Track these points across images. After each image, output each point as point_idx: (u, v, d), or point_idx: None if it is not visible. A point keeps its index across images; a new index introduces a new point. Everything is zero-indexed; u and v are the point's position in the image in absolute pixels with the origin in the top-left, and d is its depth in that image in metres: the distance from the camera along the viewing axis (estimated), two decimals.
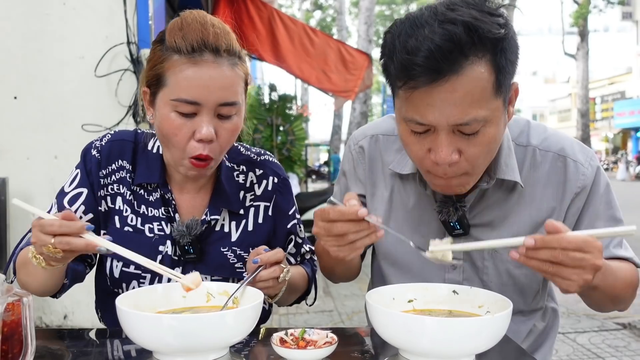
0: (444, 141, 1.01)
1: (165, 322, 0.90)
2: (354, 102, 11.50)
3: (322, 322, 4.24)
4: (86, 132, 3.34)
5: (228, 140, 1.20)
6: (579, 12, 23.92)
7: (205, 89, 1.13)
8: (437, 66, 0.95)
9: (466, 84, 0.97)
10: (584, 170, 1.19)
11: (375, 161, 1.33)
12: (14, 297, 0.80)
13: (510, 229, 1.20)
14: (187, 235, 1.26)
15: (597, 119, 34.03)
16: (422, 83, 0.97)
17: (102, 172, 1.30)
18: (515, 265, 1.23)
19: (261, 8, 6.65)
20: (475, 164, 1.06)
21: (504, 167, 1.17)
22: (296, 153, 8.10)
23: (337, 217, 0.99)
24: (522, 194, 1.20)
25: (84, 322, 3.44)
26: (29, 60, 3.41)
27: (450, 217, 1.20)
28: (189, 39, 1.14)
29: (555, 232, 0.91)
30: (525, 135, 1.23)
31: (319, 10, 28.82)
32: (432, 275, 1.27)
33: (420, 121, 1.01)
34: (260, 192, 1.38)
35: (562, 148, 1.21)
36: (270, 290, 1.18)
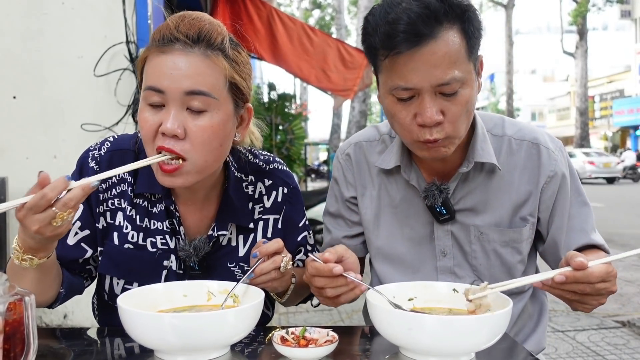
0: (428, 103, 1.12)
1: (167, 320, 0.90)
2: (353, 101, 11.49)
3: (321, 320, 4.25)
4: (85, 131, 3.34)
5: (200, 139, 1.09)
6: (577, 10, 23.93)
7: (170, 77, 1.07)
8: (417, 31, 1.07)
9: (443, 47, 1.09)
10: (555, 156, 1.30)
11: (361, 164, 1.42)
12: (16, 296, 0.81)
13: (493, 213, 1.30)
14: (193, 257, 1.21)
15: (596, 118, 34.05)
16: (405, 48, 1.09)
17: (102, 187, 1.22)
18: (500, 244, 1.31)
19: (260, 7, 6.65)
20: (457, 126, 1.15)
21: (481, 151, 1.26)
22: (295, 152, 8.10)
23: (314, 273, 1.07)
24: (502, 179, 1.30)
25: (84, 322, 3.44)
26: (27, 59, 3.40)
27: (435, 200, 1.28)
28: (162, 29, 1.11)
29: (582, 268, 0.99)
30: (500, 127, 1.34)
31: (317, 9, 28.80)
32: (425, 264, 1.35)
33: (405, 86, 1.12)
34: (269, 205, 1.32)
35: (535, 137, 1.32)
36: (276, 283, 1.14)
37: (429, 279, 1.33)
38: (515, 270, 1.34)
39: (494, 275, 1.32)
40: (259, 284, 1.11)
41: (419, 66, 1.09)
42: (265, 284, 1.12)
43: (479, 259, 1.32)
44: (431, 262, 1.35)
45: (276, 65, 7.15)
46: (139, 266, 1.04)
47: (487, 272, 1.32)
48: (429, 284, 1.13)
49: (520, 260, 1.33)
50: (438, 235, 1.33)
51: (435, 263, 1.34)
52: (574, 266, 0.99)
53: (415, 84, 1.11)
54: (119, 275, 1.23)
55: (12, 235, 3.24)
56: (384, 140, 1.40)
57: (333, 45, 7.29)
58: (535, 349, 1.41)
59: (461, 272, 1.33)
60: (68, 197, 0.95)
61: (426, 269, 1.35)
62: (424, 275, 1.35)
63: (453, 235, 1.32)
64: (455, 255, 1.33)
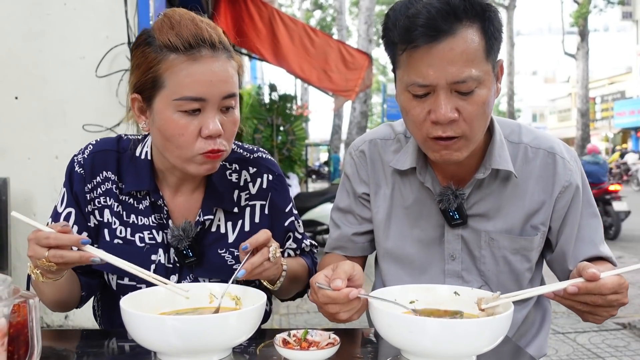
0: (443, 100, 1.11)
1: (169, 323, 0.91)
2: (354, 101, 11.50)
3: (323, 321, 4.25)
4: (87, 132, 3.34)
5: (232, 132, 1.20)
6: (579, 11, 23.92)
7: (209, 84, 1.12)
8: (436, 26, 1.07)
9: (462, 44, 1.08)
10: (570, 167, 1.30)
11: (376, 162, 1.40)
12: (20, 298, 0.81)
13: (505, 220, 1.29)
14: (184, 239, 1.24)
15: (597, 119, 34.03)
16: (422, 42, 1.08)
17: (88, 187, 1.28)
18: (510, 251, 1.30)
19: (261, 8, 6.65)
20: (472, 126, 1.14)
21: (498, 158, 1.25)
22: (296, 153, 8.10)
23: (328, 302, 1.03)
24: (516, 187, 1.29)
25: (85, 322, 3.45)
26: (30, 60, 3.41)
27: (450, 204, 1.26)
28: (184, 35, 1.12)
29: (594, 280, 0.99)
30: (516, 134, 1.33)
31: (319, 9, 28.80)
32: (432, 267, 1.35)
33: (422, 82, 1.11)
34: (255, 191, 1.36)
35: (552, 146, 1.31)
36: (269, 272, 1.15)
37: (436, 281, 1.33)
38: (523, 277, 1.33)
39: (501, 281, 1.32)
40: (254, 276, 1.12)
41: (435, 62, 1.09)
42: (260, 275, 1.13)
43: (487, 265, 1.31)
44: (439, 265, 1.34)
45: (278, 66, 7.16)
46: (128, 260, 1.06)
47: (495, 278, 1.32)
48: (431, 286, 1.13)
49: (529, 268, 1.33)
50: (448, 239, 1.32)
51: (443, 266, 1.34)
52: (587, 277, 0.99)
53: (431, 80, 1.10)
54: (111, 270, 1.27)
55: (13, 235, 3.24)
56: (399, 139, 1.39)
57: (334, 46, 7.30)
58: (536, 354, 1.40)
59: (469, 277, 1.32)
60: (62, 253, 1.01)
61: (433, 272, 1.34)
62: (430, 278, 1.34)
63: (463, 239, 1.31)
64: (464, 260, 1.32)
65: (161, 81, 1.13)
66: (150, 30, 1.17)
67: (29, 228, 1.03)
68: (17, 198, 3.35)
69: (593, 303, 1.02)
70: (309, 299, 1.11)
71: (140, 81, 1.16)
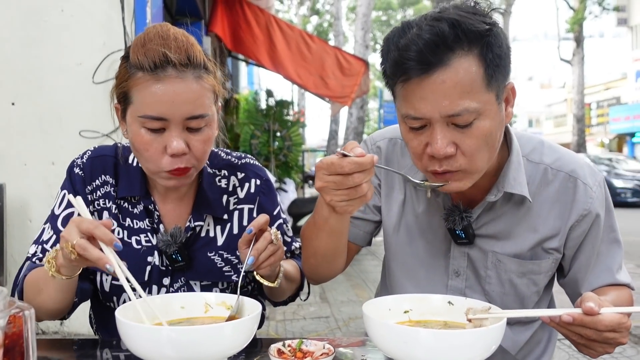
0: (438, 134, 1.05)
1: (164, 333, 0.91)
2: (350, 107, 11.52)
3: (318, 328, 4.25)
4: (83, 138, 3.35)
5: (202, 150, 1.20)
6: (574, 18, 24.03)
7: (171, 104, 1.13)
8: (426, 59, 1.02)
9: (454, 76, 1.02)
10: (591, 194, 1.22)
11: (391, 164, 1.36)
12: (16, 309, 0.81)
13: (515, 243, 1.24)
14: (172, 244, 1.27)
15: (592, 124, 34.14)
16: (414, 75, 1.04)
17: (88, 189, 1.31)
18: (517, 274, 1.26)
19: (258, 14, 6.68)
20: (472, 159, 1.08)
21: (512, 181, 1.19)
22: (293, 158, 8.10)
23: (355, 169, 0.98)
24: (530, 210, 1.23)
25: (81, 328, 3.44)
26: (27, 66, 3.42)
27: (455, 225, 1.23)
28: (151, 54, 1.13)
29: (591, 314, 0.96)
30: (538, 153, 1.26)
31: (315, 15, 28.89)
32: (436, 281, 1.32)
33: (415, 115, 1.06)
34: (243, 195, 1.39)
35: (574, 170, 1.23)
36: (276, 257, 1.16)
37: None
38: (529, 301, 1.29)
39: (505, 303, 1.27)
40: (262, 263, 1.14)
41: (427, 94, 1.03)
42: (268, 260, 1.15)
43: (492, 285, 1.28)
44: (442, 280, 1.31)
45: (274, 72, 7.17)
46: (126, 262, 1.07)
47: (499, 299, 1.27)
48: (425, 296, 1.14)
49: (536, 292, 1.29)
50: (454, 255, 1.29)
51: (446, 281, 1.31)
52: (584, 310, 0.97)
53: (424, 114, 1.05)
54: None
55: (9, 241, 3.24)
56: None
57: (331, 52, 7.33)
58: None
59: (472, 295, 1.28)
60: (87, 245, 1.01)
61: (437, 285, 1.31)
62: (434, 291, 1.27)
63: (469, 257, 1.28)
64: (468, 277, 1.29)
65: (129, 96, 1.17)
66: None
67: (24, 233, 1.04)
68: (13, 204, 3.35)
69: (587, 337, 0.99)
70: (315, 187, 1.04)
71: (117, 92, 1.21)
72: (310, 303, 4.82)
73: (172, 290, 1.31)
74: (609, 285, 1.26)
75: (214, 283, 1.33)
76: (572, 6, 24.57)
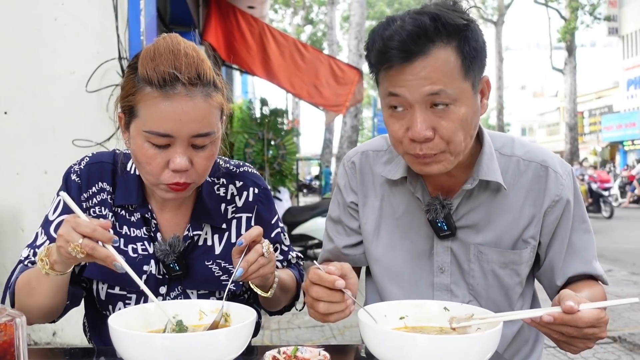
0: (418, 117, 1.13)
1: (158, 341, 0.90)
2: (345, 116, 11.55)
3: (313, 336, 4.23)
4: (77, 147, 3.33)
5: (204, 166, 1.20)
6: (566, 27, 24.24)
7: (178, 122, 1.12)
8: (408, 48, 1.10)
9: (433, 64, 1.11)
10: (562, 181, 1.29)
11: (365, 174, 1.42)
12: (7, 317, 0.80)
13: (494, 233, 1.29)
14: (171, 254, 1.26)
15: (585, 133, 34.36)
16: (396, 63, 1.12)
17: (84, 196, 1.30)
18: (499, 265, 1.30)
19: (252, 23, 6.69)
20: (451, 141, 1.15)
21: (486, 169, 1.26)
22: (287, 167, 8.08)
23: (315, 281, 1.05)
24: (506, 199, 1.29)
25: (73, 339, 3.41)
26: (20, 75, 3.41)
27: (437, 214, 1.27)
28: (161, 70, 1.11)
29: (571, 313, 0.99)
30: (509, 146, 1.33)
31: (309, 25, 29.01)
32: (421, 280, 1.35)
33: (395, 92, 1.14)
34: (241, 204, 1.38)
35: (545, 159, 1.31)
36: (266, 269, 1.15)
37: (425, 294, 1.33)
38: (513, 292, 1.33)
39: (490, 296, 1.31)
40: (251, 274, 1.12)
41: (408, 79, 1.12)
42: (258, 272, 1.13)
43: (476, 279, 1.31)
44: (428, 278, 1.34)
45: (268, 81, 7.18)
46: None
47: (484, 292, 1.31)
48: (421, 302, 1.14)
49: (519, 282, 1.32)
50: (437, 251, 1.32)
51: (432, 279, 1.34)
52: (564, 309, 0.99)
53: (404, 92, 1.13)
54: (102, 279, 1.27)
55: (1, 250, 3.21)
56: (392, 150, 1.39)
57: (325, 61, 7.35)
58: None
59: (457, 291, 1.32)
60: (94, 244, 1.02)
61: (423, 285, 1.34)
62: (420, 290, 1.34)
63: (452, 252, 1.32)
64: (453, 273, 1.32)
65: (136, 110, 1.16)
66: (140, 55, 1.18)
67: (16, 243, 1.03)
68: (5, 213, 3.32)
69: (568, 334, 1.01)
70: (303, 287, 1.11)
71: (122, 103, 1.20)
72: (305, 312, 4.80)
73: (169, 299, 1.29)
74: (583, 280, 1.31)
75: (211, 292, 1.32)
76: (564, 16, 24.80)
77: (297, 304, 1.49)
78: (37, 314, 1.19)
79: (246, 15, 6.71)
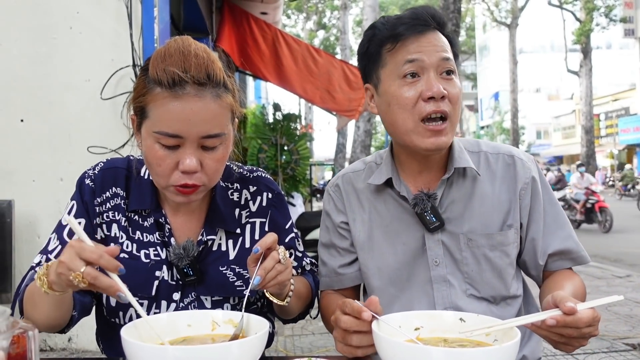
0: (434, 78, 1.28)
1: (170, 353, 0.90)
2: (357, 120, 11.54)
3: (327, 343, 4.21)
4: (92, 154, 3.36)
5: (215, 169, 1.20)
6: (581, 29, 24.06)
7: (187, 123, 1.12)
8: (421, 21, 1.29)
9: (442, 38, 1.32)
10: (528, 165, 1.41)
11: (349, 193, 1.49)
12: (20, 330, 0.80)
13: (479, 219, 1.37)
14: (185, 257, 1.25)
15: (601, 136, 34.03)
16: (411, 33, 1.29)
17: (97, 200, 1.30)
18: (489, 248, 1.36)
19: (265, 29, 6.72)
20: (455, 107, 1.31)
21: (459, 159, 1.37)
22: (300, 172, 8.09)
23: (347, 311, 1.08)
24: (483, 187, 1.39)
25: (89, 345, 3.43)
26: (35, 83, 3.45)
27: (425, 206, 1.34)
28: (170, 71, 1.11)
29: (572, 313, 1.01)
30: (476, 145, 1.46)
31: (322, 30, 29.09)
32: (419, 276, 1.38)
33: (412, 57, 1.28)
34: (255, 209, 1.38)
35: (509, 150, 1.44)
36: (283, 276, 1.14)
37: (424, 289, 1.37)
38: (506, 273, 1.37)
39: (485, 280, 1.36)
40: (269, 282, 1.11)
41: (424, 45, 1.28)
42: (275, 279, 1.12)
43: (470, 266, 1.36)
44: (425, 273, 1.38)
45: (281, 87, 7.20)
46: (133, 276, 1.06)
47: (478, 277, 1.36)
48: (436, 313, 1.12)
49: (510, 263, 1.38)
50: (429, 246, 1.37)
51: (429, 273, 1.37)
52: (565, 311, 1.01)
53: (421, 56, 1.27)
54: None
55: (17, 257, 3.24)
56: (371, 167, 1.49)
57: (338, 66, 7.34)
58: (530, 356, 1.40)
59: (454, 280, 1.37)
60: (97, 274, 0.97)
61: (421, 280, 1.38)
62: (418, 287, 1.37)
63: (444, 244, 1.37)
64: (447, 264, 1.37)
65: (146, 111, 1.16)
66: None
67: (32, 249, 1.02)
68: (21, 220, 3.36)
69: (568, 335, 1.04)
70: (331, 320, 1.12)
71: (134, 105, 1.21)
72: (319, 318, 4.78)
73: (182, 306, 1.28)
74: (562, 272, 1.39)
75: (226, 298, 1.31)
76: (579, 18, 24.61)
77: (312, 311, 1.49)
78: (43, 325, 1.17)
79: (259, 21, 6.74)
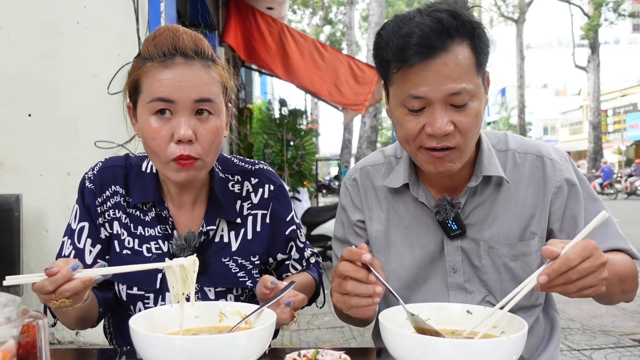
0: (438, 113, 1.14)
1: (178, 343, 0.90)
2: (363, 116, 11.53)
3: (333, 338, 4.22)
4: (99, 148, 3.37)
5: (210, 141, 1.21)
6: (589, 24, 23.90)
7: (179, 88, 1.17)
8: (430, 44, 1.11)
9: (454, 59, 1.13)
10: (559, 167, 1.31)
11: (367, 189, 1.43)
12: (29, 319, 0.81)
13: (502, 227, 1.30)
14: (187, 248, 1.28)
15: (609, 131, 33.83)
16: (417, 60, 1.12)
17: (98, 201, 1.33)
18: (510, 258, 1.30)
19: (271, 24, 6.72)
20: (467, 137, 1.17)
21: (487, 165, 1.28)
22: (307, 168, 8.08)
23: (346, 256, 1.05)
24: (508, 192, 1.31)
25: (96, 338, 3.44)
26: (43, 78, 3.46)
27: (447, 215, 1.28)
28: (160, 46, 1.18)
29: (554, 256, 0.95)
30: (503, 142, 1.36)
31: (328, 25, 29.02)
32: (435, 281, 1.34)
33: (417, 94, 1.14)
34: (257, 200, 1.39)
35: (539, 150, 1.34)
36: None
37: (440, 295, 1.33)
38: None
39: (504, 289, 1.29)
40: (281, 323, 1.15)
41: (430, 76, 1.12)
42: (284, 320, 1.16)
43: (489, 274, 1.31)
44: (442, 279, 1.34)
45: (288, 81, 7.20)
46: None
47: (497, 286, 1.31)
48: (443, 305, 1.12)
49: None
50: (448, 252, 1.33)
51: (446, 279, 1.34)
52: (546, 256, 0.95)
53: (427, 93, 1.13)
54: (121, 281, 1.31)
55: (25, 251, 3.26)
56: (390, 162, 1.42)
57: (344, 60, 7.34)
58: None
59: (472, 288, 1.33)
60: (65, 287, 1.01)
61: (437, 286, 1.34)
62: (434, 292, 1.34)
63: (463, 250, 1.32)
64: (465, 271, 1.33)
65: (140, 86, 1.21)
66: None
67: (40, 243, 1.04)
68: (29, 214, 3.37)
69: (570, 280, 0.96)
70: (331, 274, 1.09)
71: (128, 86, 1.25)
72: (324, 312, 4.79)
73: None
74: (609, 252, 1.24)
75: (229, 289, 1.33)
76: (587, 13, 24.44)
77: (318, 302, 1.51)
78: (75, 326, 1.26)
79: (265, 16, 6.74)
